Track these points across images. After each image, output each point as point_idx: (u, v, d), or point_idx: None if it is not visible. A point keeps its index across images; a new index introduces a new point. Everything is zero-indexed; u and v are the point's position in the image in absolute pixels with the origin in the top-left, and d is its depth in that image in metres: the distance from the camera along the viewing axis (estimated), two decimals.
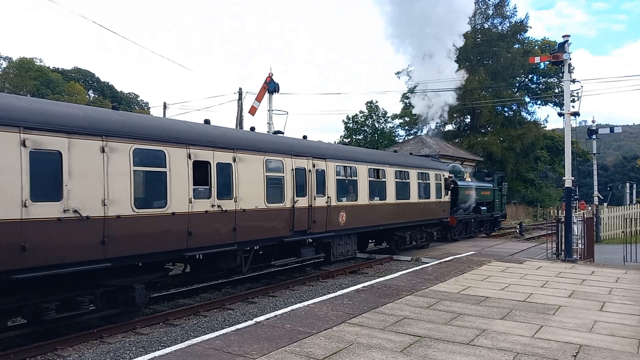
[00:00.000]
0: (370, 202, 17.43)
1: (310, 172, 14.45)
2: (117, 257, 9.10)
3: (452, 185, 24.48)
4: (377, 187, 17.92)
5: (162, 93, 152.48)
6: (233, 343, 7.47)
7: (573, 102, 18.43)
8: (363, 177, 17.04)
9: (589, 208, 24.07)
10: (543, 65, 50.38)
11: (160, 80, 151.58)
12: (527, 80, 58.42)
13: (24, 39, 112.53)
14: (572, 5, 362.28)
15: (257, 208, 12.37)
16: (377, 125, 57.29)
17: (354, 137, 56.82)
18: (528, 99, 56.57)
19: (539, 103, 58.38)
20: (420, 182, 21.02)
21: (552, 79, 55.63)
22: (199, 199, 10.77)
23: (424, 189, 21.37)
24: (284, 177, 13.44)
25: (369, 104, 57.27)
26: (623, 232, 25.56)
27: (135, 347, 8.72)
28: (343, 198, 15.95)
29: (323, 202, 14.89)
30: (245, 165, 12.08)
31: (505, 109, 55.15)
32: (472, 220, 27.72)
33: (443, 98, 32.13)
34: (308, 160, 14.43)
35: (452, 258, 17.60)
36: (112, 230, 8.91)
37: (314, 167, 14.61)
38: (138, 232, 9.46)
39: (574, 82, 18.57)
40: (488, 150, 49.91)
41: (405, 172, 19.93)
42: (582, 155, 48.73)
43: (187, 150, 10.52)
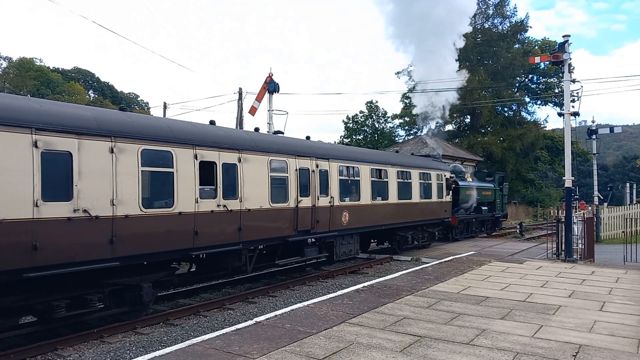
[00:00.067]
0: (373, 202, 17.57)
1: (314, 172, 14.57)
2: (125, 256, 9.22)
3: (453, 186, 24.57)
4: (379, 187, 18.05)
5: (162, 93, 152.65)
6: (233, 343, 7.47)
7: (573, 102, 18.48)
8: (365, 177, 17.16)
9: (589, 208, 24.16)
10: (543, 65, 50.38)
11: (160, 80, 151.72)
12: (527, 80, 58.37)
13: (24, 39, 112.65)
14: (572, 5, 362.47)
15: (261, 208, 12.51)
16: (377, 125, 57.30)
17: (354, 137, 56.84)
18: (528, 99, 56.56)
19: (539, 103, 58.43)
20: (422, 182, 21.14)
21: (552, 79, 55.60)
22: (205, 199, 10.90)
23: (426, 189, 21.48)
24: (288, 177, 13.57)
25: (369, 104, 57.37)
26: (623, 232, 25.62)
27: (136, 347, 8.74)
28: (346, 198, 16.07)
29: (326, 202, 15.03)
30: (250, 166, 12.22)
31: (505, 109, 55.14)
32: (473, 220, 27.82)
33: (444, 97, 32.16)
34: (311, 161, 14.56)
35: (452, 258, 17.64)
36: (120, 230, 9.04)
37: (318, 167, 14.74)
38: (146, 231, 9.59)
39: (574, 82, 18.61)
40: (488, 150, 49.96)
41: (407, 172, 20.05)
42: (582, 155, 48.70)
43: (193, 151, 10.66)
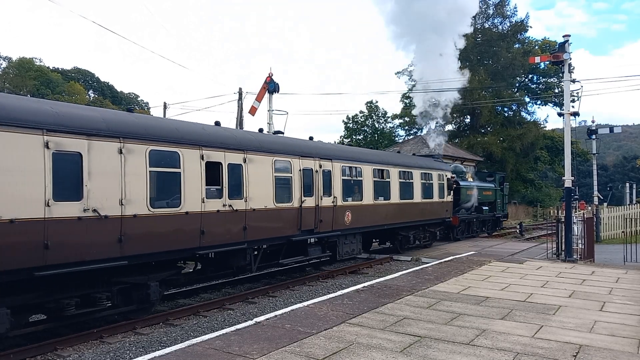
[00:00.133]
0: (375, 202, 17.71)
1: (317, 172, 14.72)
2: (133, 255, 9.37)
3: (454, 186, 24.71)
4: (381, 187, 18.20)
5: (162, 93, 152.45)
6: (233, 343, 7.47)
7: (573, 102, 18.53)
8: (368, 177, 17.31)
9: (589, 208, 24.22)
10: (543, 65, 50.45)
11: (160, 80, 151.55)
12: (527, 80, 58.39)
13: (24, 39, 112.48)
14: (572, 5, 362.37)
15: (266, 208, 12.66)
16: (377, 125, 57.42)
17: (354, 137, 56.96)
18: (528, 99, 56.58)
19: (539, 103, 58.44)
20: (424, 182, 21.29)
21: (552, 79, 55.64)
22: (211, 199, 11.05)
23: (427, 189, 21.63)
24: (292, 177, 13.71)
25: (369, 104, 57.48)
26: (623, 232, 25.63)
27: (135, 347, 8.75)
28: (349, 198, 16.22)
29: (329, 202, 15.17)
30: (255, 166, 12.36)
31: (505, 109, 55.17)
32: (474, 220, 27.93)
33: (444, 96, 32.23)
34: (315, 161, 14.70)
35: (452, 258, 17.67)
36: (129, 229, 9.18)
37: (321, 167, 14.89)
38: (153, 231, 9.73)
39: (574, 82, 18.67)
40: (488, 150, 50.02)
41: (409, 172, 20.20)
42: (582, 155, 48.72)
43: (200, 152, 10.80)
